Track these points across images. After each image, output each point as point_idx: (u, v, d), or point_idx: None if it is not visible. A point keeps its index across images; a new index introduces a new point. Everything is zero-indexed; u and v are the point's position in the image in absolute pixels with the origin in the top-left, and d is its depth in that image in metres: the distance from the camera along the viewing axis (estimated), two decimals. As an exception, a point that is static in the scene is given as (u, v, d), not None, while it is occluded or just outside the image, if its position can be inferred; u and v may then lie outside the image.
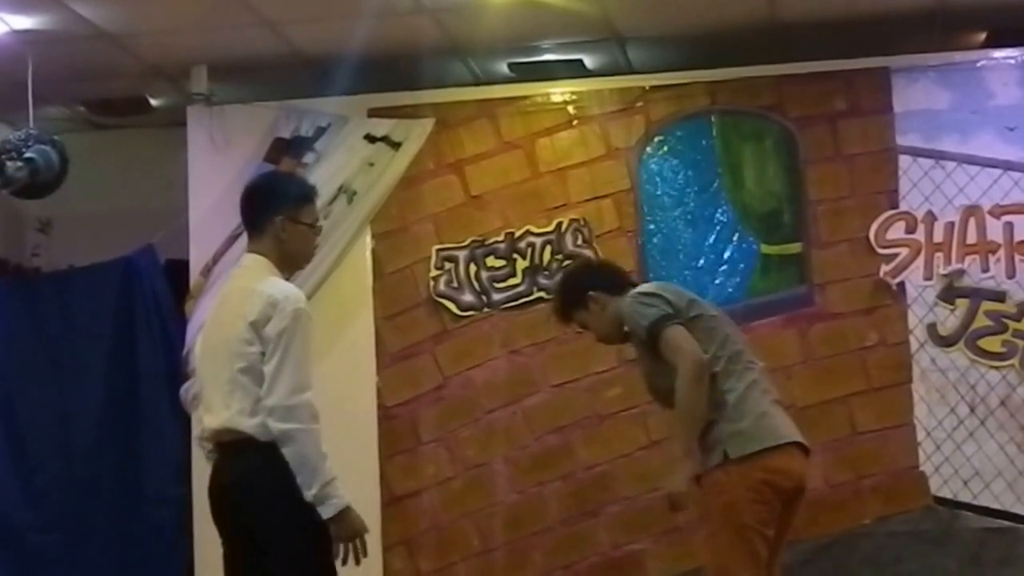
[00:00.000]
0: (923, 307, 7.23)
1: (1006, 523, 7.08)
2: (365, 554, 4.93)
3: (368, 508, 7.36)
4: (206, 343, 5.21)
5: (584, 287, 5.63)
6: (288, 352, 4.83)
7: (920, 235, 7.25)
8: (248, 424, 4.89)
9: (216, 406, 4.99)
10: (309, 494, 4.81)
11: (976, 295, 7.20)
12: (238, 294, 5.04)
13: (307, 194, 5.22)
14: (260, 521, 4.93)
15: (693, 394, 5.17)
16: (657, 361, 5.33)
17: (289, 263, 5.13)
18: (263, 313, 4.86)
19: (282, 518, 4.89)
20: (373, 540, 7.36)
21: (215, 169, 7.67)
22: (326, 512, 4.84)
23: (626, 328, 5.48)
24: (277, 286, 4.94)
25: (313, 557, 4.93)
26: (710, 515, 5.27)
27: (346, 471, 7.29)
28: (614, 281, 5.65)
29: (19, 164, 7.19)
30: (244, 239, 7.54)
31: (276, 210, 5.05)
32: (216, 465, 5.09)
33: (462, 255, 7.53)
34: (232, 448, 4.97)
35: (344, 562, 4.92)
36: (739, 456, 5.18)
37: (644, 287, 5.57)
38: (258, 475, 4.90)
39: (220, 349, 5.00)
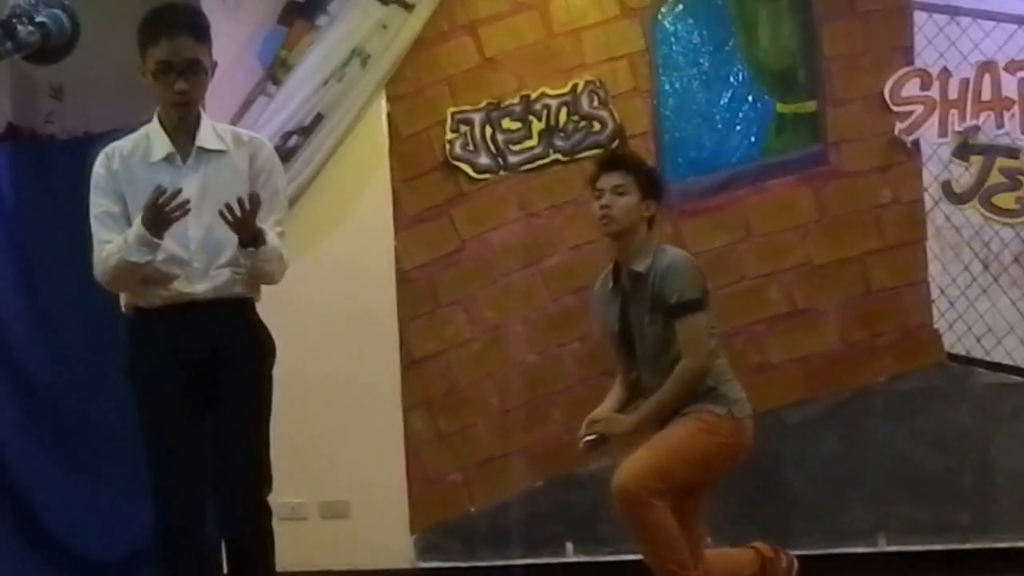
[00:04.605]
0: (938, 164, 7.20)
1: (1018, 378, 7.11)
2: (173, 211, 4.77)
3: (388, 370, 7.48)
4: None
5: (661, 192, 5.98)
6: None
7: (935, 92, 7.19)
8: None
9: None
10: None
11: (990, 152, 7.17)
12: None
13: (144, 38, 4.79)
14: None
15: (684, 393, 5.55)
16: (667, 326, 5.60)
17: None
18: None
19: None
20: (393, 402, 7.51)
21: (227, 32, 7.56)
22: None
23: (658, 277, 5.67)
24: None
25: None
26: (682, 428, 5.55)
27: (365, 334, 7.42)
28: None
29: (31, 28, 7.16)
30: (259, 104, 7.59)
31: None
32: None
33: (477, 117, 7.49)
34: None
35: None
36: (743, 415, 5.64)
37: (687, 255, 5.85)
38: None
39: None
